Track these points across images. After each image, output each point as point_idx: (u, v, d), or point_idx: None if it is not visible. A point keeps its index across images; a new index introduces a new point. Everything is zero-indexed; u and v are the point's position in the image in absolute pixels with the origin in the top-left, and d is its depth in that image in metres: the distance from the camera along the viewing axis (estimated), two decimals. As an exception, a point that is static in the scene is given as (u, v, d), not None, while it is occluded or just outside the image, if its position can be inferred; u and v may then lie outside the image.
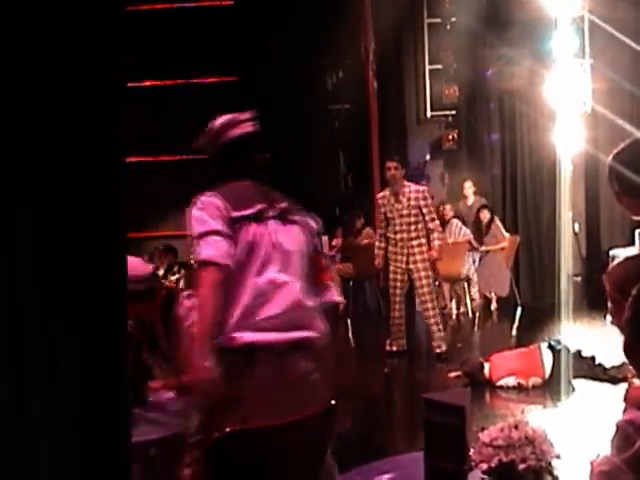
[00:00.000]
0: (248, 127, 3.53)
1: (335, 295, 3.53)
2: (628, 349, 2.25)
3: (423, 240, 8.40)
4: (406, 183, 8.48)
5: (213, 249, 3.16)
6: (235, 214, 3.24)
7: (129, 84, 14.18)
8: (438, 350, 8.46)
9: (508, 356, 7.51)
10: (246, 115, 3.57)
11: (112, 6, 1.95)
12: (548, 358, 7.29)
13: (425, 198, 8.48)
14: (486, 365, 7.36)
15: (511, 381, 7.20)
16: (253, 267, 3.24)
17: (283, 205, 3.40)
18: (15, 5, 1.78)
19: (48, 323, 1.80)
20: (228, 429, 2.58)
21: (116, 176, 1.98)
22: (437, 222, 8.67)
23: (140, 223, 14.28)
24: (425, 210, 8.42)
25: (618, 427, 2.17)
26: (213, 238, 3.18)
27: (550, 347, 7.40)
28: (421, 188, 8.64)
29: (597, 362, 7.51)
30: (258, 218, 3.30)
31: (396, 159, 8.67)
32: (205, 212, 3.23)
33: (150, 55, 13.90)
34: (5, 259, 1.77)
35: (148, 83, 14.88)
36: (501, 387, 7.23)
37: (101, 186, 1.91)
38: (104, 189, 1.92)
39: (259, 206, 3.32)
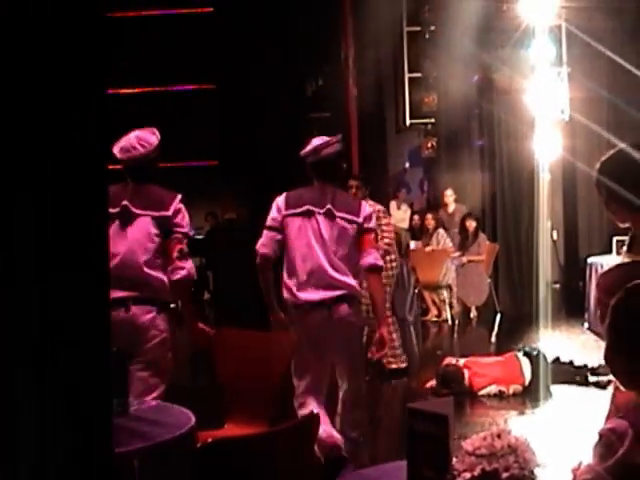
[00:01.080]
0: (337, 147, 4.96)
1: (368, 259, 4.80)
2: (608, 355, 2.29)
3: None
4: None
5: (261, 241, 4.87)
6: (285, 212, 4.84)
7: (109, 92, 14.13)
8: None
9: (486, 364, 7.52)
10: (335, 138, 5.00)
11: (92, 11, 1.96)
12: (526, 365, 7.33)
13: (379, 218, 8.42)
14: (465, 372, 7.37)
15: (493, 389, 7.23)
16: (300, 250, 4.78)
17: (328, 206, 4.81)
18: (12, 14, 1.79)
19: (45, 325, 1.80)
20: (210, 439, 2.57)
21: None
22: (391, 241, 8.53)
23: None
24: (379, 230, 8.37)
25: (601, 435, 2.18)
26: (265, 232, 4.88)
27: (526, 354, 7.44)
28: (378, 207, 8.52)
29: (583, 364, 7.57)
30: (305, 215, 4.81)
31: (358, 176, 8.52)
32: (271, 209, 4.92)
33: (128, 62, 13.86)
34: (6, 259, 1.77)
35: (126, 90, 14.85)
36: (482, 395, 7.26)
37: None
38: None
39: (307, 206, 4.82)
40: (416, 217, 12.60)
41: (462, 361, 7.55)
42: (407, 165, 14.15)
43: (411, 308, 11.81)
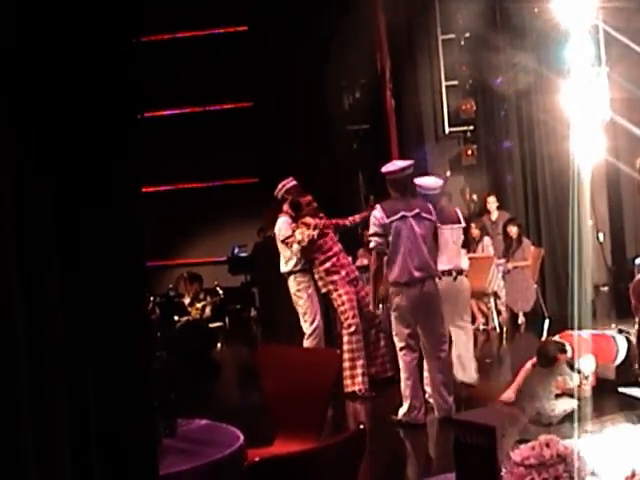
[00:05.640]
0: (410, 170, 6.93)
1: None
2: None
3: None
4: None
5: (374, 242, 6.82)
6: (386, 220, 6.73)
7: (147, 114, 14.33)
8: None
9: (584, 339, 7.21)
10: (408, 163, 7.02)
11: (122, 37, 1.98)
12: (623, 345, 7.18)
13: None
14: (568, 347, 7.03)
15: (590, 364, 6.99)
16: (401, 245, 6.71)
17: (416, 210, 6.79)
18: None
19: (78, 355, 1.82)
20: (258, 457, 2.57)
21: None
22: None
23: (163, 251, 14.34)
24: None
25: None
26: (374, 238, 6.82)
27: (624, 336, 7.30)
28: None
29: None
30: (401, 219, 6.72)
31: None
32: (372, 220, 6.86)
33: (167, 84, 14.00)
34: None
35: (167, 112, 14.99)
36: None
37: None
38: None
39: (401, 213, 6.73)
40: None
41: (557, 337, 7.27)
42: (448, 174, 14.07)
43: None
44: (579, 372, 6.99)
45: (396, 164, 7.04)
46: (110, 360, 1.86)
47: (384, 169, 6.97)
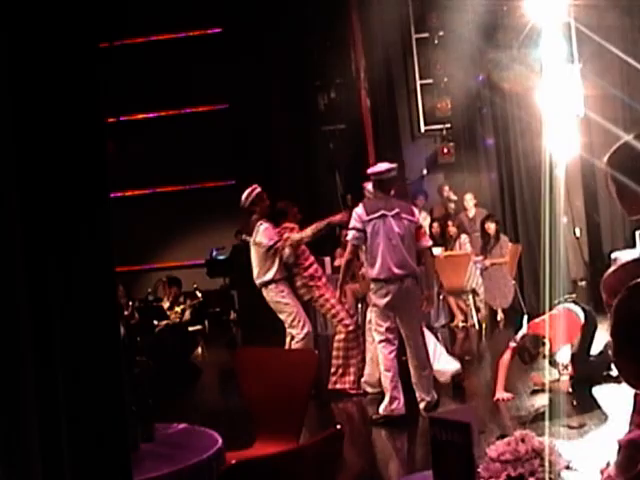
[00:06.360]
0: (394, 172, 7.19)
1: (422, 242, 7.13)
2: (615, 360, 2.15)
3: None
4: None
5: (351, 235, 6.99)
6: (366, 218, 6.93)
7: (123, 117, 14.29)
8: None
9: (556, 325, 7.25)
10: (394, 165, 7.26)
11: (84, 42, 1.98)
12: (580, 313, 7.30)
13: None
14: (546, 341, 7.01)
15: (566, 353, 7.05)
16: (380, 242, 6.90)
17: (396, 210, 6.95)
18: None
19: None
20: (234, 461, 2.57)
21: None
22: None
23: (141, 255, 14.29)
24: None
25: (620, 445, 2.09)
26: (352, 231, 6.99)
27: (577, 305, 7.42)
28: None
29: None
30: (380, 217, 6.92)
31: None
32: (353, 215, 7.03)
33: (141, 88, 13.96)
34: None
35: (141, 116, 14.94)
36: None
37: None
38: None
39: (381, 211, 6.93)
40: (435, 225, 12.53)
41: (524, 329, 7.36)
42: (425, 172, 14.10)
43: (438, 315, 11.75)
44: (554, 364, 7.08)
45: (382, 166, 7.22)
46: (83, 363, 1.85)
47: (371, 170, 7.25)
